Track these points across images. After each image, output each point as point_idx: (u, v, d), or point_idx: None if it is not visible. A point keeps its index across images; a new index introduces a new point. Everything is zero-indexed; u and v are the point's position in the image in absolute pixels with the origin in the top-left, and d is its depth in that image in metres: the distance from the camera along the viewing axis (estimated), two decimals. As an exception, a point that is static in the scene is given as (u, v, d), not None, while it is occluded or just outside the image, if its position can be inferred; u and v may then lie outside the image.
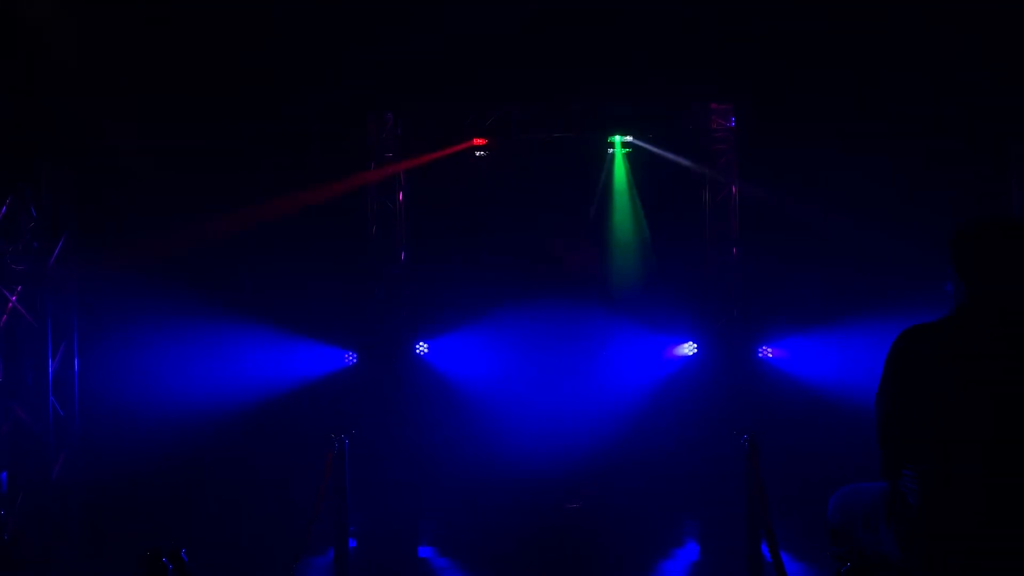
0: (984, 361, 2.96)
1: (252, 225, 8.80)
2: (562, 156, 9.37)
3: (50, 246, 7.93)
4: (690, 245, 9.29)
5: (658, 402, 9.08)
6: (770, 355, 9.07)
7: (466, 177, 9.43)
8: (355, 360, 9.36)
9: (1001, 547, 2.90)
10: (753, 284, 9.06)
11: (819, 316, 8.65)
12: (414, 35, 7.68)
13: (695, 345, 9.21)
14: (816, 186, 8.44)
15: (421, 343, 9.43)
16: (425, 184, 9.52)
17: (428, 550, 7.85)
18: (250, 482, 8.24)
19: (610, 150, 9.38)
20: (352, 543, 6.80)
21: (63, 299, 8.06)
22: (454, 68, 8.19)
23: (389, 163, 9.46)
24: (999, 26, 7.07)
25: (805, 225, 8.52)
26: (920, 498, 3.02)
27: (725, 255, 9.23)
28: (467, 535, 7.81)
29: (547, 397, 9.07)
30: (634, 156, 9.36)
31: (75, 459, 8.00)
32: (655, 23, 7.72)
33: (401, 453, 8.88)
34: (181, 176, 8.32)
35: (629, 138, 9.33)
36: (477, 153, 9.39)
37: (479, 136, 9.31)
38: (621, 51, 7.97)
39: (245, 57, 7.90)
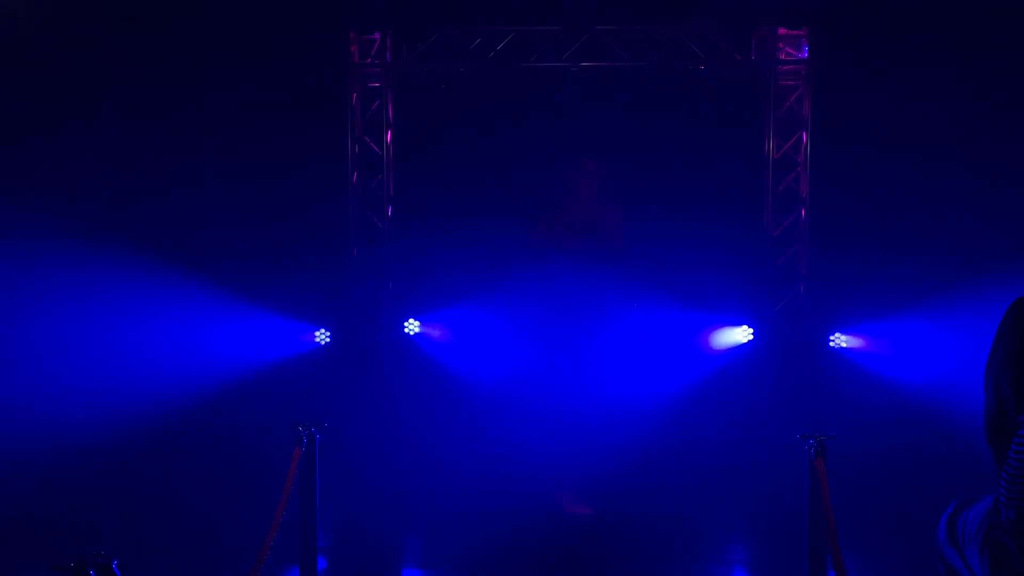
0: None
1: (203, 167, 8.81)
2: (588, 90, 9.30)
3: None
4: (747, 206, 9.26)
5: (703, 398, 9.08)
6: (844, 344, 9.05)
7: (471, 114, 9.38)
8: (330, 339, 9.36)
9: None
10: (825, 255, 9.04)
11: (911, 296, 8.63)
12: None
13: (750, 330, 9.19)
14: (909, 134, 8.39)
15: (410, 320, 9.43)
16: (419, 122, 9.48)
17: (415, 574, 7.89)
18: (198, 484, 8.28)
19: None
20: (322, 563, 6.82)
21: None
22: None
23: (375, 94, 9.42)
24: None
25: (894, 183, 8.47)
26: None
27: (790, 219, 9.19)
28: (463, 555, 7.83)
29: (565, 387, 9.08)
30: (678, 93, 9.28)
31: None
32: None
33: (384, 452, 8.90)
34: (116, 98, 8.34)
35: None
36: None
37: (488, 62, 9.23)
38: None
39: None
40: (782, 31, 9.08)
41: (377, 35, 9.33)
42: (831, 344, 9.07)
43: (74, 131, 8.67)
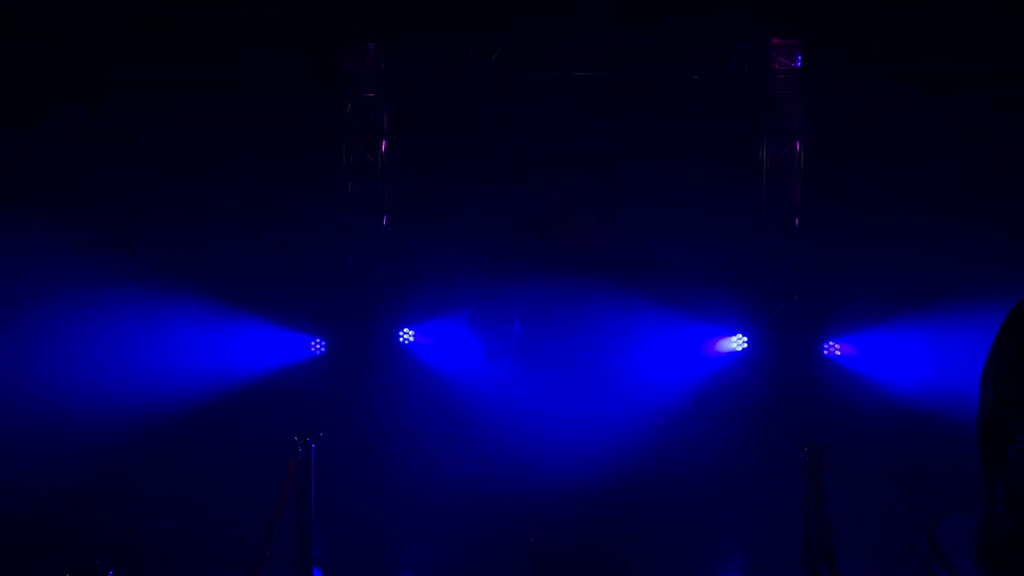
0: None
1: (195, 177, 8.81)
2: (584, 100, 9.33)
3: None
4: (740, 214, 9.28)
5: (697, 407, 9.09)
6: (838, 352, 9.06)
7: (465, 123, 9.40)
8: (324, 349, 9.36)
9: None
10: (818, 264, 9.05)
11: (905, 304, 8.64)
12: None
13: (744, 338, 9.21)
14: (904, 143, 8.42)
15: (405, 329, 9.44)
16: (414, 132, 9.50)
17: (411, 584, 7.89)
18: (193, 493, 8.26)
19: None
20: (317, 573, 6.82)
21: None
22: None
23: (369, 105, 9.44)
24: None
25: (888, 190, 8.49)
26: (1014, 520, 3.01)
27: (784, 227, 9.22)
28: (460, 564, 7.83)
29: (560, 396, 9.07)
30: (671, 102, 9.30)
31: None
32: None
33: (380, 462, 8.89)
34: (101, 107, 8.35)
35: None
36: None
37: (482, 72, 9.26)
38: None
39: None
40: (775, 40, 9.09)
41: (371, 45, 9.36)
42: (825, 352, 9.08)
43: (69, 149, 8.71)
